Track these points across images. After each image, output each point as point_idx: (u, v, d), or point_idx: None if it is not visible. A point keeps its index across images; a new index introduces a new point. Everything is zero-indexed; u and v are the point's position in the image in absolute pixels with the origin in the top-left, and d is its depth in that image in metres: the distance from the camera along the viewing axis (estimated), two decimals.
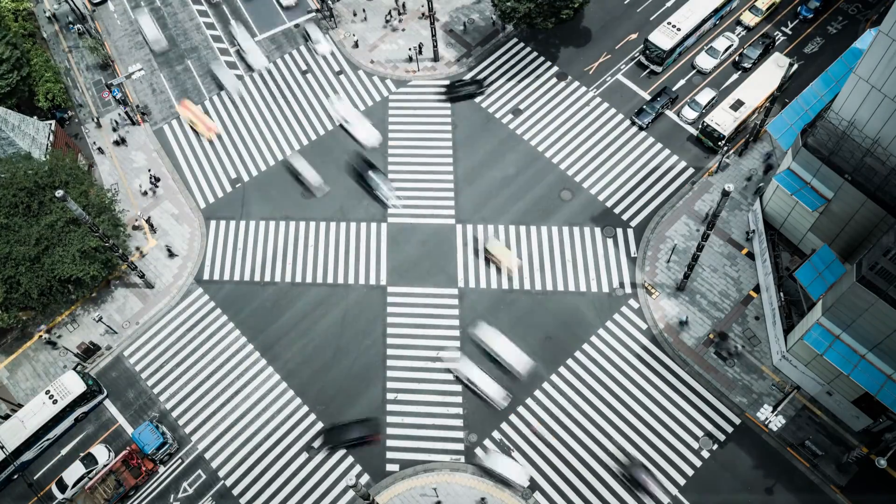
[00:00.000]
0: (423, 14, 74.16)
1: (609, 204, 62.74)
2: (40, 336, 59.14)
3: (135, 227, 64.56)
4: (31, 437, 54.11)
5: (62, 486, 53.69)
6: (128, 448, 54.35)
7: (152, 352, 59.16)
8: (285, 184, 66.03)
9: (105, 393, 57.48)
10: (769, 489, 50.88)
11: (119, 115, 70.30)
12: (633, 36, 71.71)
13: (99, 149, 68.69)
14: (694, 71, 68.81)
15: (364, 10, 75.49)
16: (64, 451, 56.02)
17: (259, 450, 54.72)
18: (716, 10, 68.71)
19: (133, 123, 70.12)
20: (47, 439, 55.22)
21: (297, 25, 75.74)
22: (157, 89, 73.04)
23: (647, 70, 68.97)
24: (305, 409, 55.97)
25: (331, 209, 64.49)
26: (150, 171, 66.94)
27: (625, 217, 62.05)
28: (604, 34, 72.29)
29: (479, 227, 62.40)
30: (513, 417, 54.55)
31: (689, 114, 65.61)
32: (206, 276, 62.17)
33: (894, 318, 42.30)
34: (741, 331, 56.08)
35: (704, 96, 66.05)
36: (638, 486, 50.97)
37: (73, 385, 55.16)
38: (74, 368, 57.03)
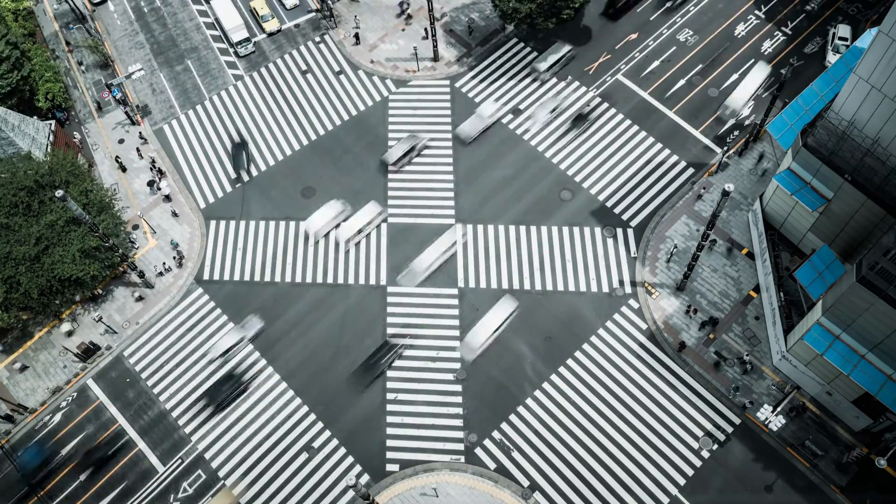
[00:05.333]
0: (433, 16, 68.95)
1: (609, 204, 62.74)
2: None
3: (135, 227, 64.56)
4: None
5: None
6: None
7: (152, 352, 59.19)
8: (285, 184, 66.02)
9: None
10: (769, 489, 50.90)
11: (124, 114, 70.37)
12: (633, 36, 71.70)
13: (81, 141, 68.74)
14: None
15: (357, 18, 75.46)
16: (64, 451, 55.95)
17: (259, 450, 54.76)
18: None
19: (133, 123, 70.12)
20: None
21: (297, 25, 75.72)
22: (157, 89, 73.02)
23: (650, 68, 69.11)
24: (305, 409, 55.97)
25: None
26: (154, 166, 67.00)
27: (625, 217, 62.03)
28: (604, 34, 72.29)
29: (479, 226, 62.50)
30: (513, 417, 54.58)
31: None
32: (206, 276, 62.17)
33: (894, 318, 42.29)
34: (741, 331, 56.09)
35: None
36: None
37: None
38: None
